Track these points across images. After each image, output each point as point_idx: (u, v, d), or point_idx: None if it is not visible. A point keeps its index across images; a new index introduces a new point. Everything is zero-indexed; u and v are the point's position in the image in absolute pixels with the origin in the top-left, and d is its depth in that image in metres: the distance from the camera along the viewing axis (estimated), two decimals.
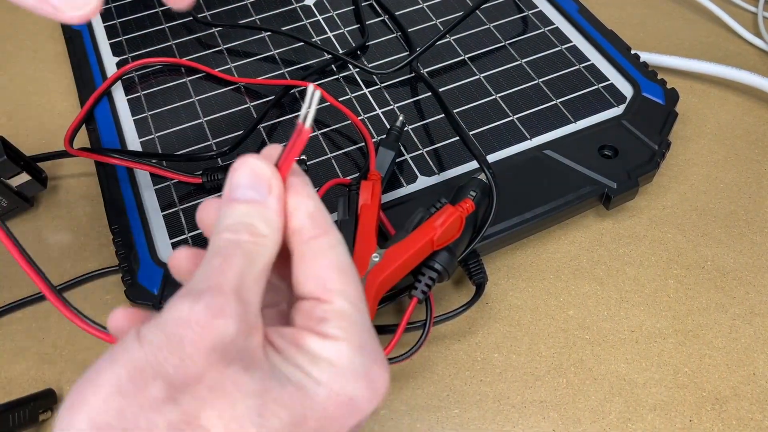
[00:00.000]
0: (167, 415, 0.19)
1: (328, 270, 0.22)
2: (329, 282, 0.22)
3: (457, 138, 0.43)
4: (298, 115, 0.22)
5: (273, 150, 0.24)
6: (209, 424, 0.19)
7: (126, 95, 0.47)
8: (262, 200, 0.22)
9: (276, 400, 0.20)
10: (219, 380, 0.19)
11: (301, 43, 0.49)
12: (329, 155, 0.43)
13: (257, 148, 0.43)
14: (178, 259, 0.24)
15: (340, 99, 0.46)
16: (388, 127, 0.42)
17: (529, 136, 0.43)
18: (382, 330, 0.36)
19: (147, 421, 0.18)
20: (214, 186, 0.41)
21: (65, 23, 0.25)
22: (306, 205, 0.23)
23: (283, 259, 0.24)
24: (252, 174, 0.22)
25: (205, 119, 0.45)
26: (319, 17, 0.52)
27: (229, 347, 0.19)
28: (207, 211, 0.24)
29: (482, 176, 0.38)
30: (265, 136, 0.44)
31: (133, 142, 0.44)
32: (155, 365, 0.19)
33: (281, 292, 0.25)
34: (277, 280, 0.25)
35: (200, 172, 0.41)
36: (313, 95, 0.22)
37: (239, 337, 0.20)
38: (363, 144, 0.43)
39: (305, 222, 0.23)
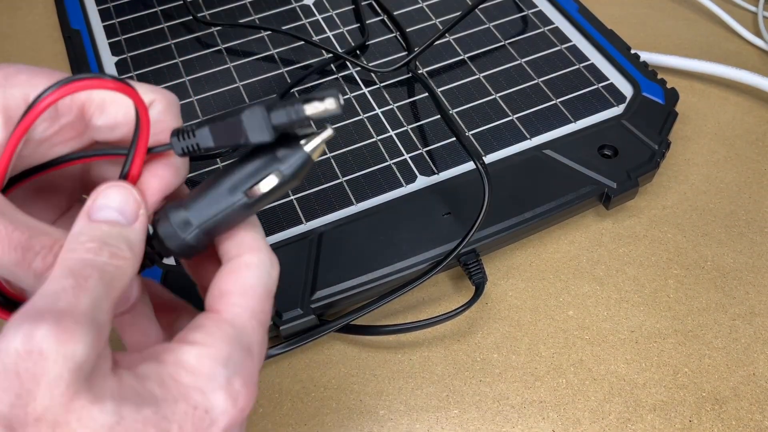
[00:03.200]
0: None
1: (231, 284, 0.22)
2: (227, 295, 0.21)
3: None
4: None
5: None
6: None
7: None
8: (128, 225, 0.21)
9: (130, 429, 0.18)
10: (62, 417, 0.17)
11: (301, 43, 0.49)
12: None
13: None
14: None
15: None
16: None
17: (528, 136, 0.43)
18: (371, 331, 0.36)
19: None
20: (189, 152, 0.24)
21: None
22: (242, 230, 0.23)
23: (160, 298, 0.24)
24: (120, 197, 0.21)
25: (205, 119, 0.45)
26: (319, 17, 0.52)
27: (76, 377, 0.17)
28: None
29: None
30: None
31: None
32: None
33: (159, 331, 0.25)
34: (156, 318, 0.25)
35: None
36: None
37: (86, 364, 0.18)
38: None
39: (230, 244, 0.22)
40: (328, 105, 0.21)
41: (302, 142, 0.22)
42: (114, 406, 0.18)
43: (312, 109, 0.21)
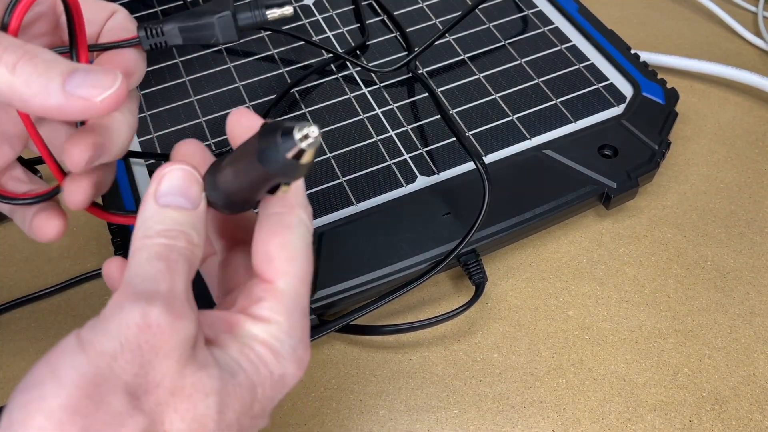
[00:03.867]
0: (133, 426, 0.18)
1: (278, 248, 0.22)
2: (276, 261, 0.22)
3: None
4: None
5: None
6: (172, 428, 0.19)
7: None
8: (194, 209, 0.22)
9: (231, 394, 0.20)
10: (179, 382, 0.19)
11: (301, 43, 0.49)
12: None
13: None
14: (112, 269, 0.24)
15: (340, 99, 0.46)
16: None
17: (528, 136, 0.43)
18: (371, 331, 0.36)
19: None
20: (155, 48, 0.27)
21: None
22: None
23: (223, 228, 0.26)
24: (183, 181, 0.22)
25: (204, 119, 0.45)
26: (319, 17, 0.52)
27: (186, 348, 0.19)
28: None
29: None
30: None
31: (132, 142, 0.44)
32: (111, 376, 0.18)
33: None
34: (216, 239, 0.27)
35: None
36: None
37: (192, 339, 0.20)
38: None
39: (273, 198, 0.23)
40: (285, 11, 0.26)
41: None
42: (218, 372, 0.20)
43: (272, 13, 0.26)
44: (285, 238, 0.22)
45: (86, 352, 0.18)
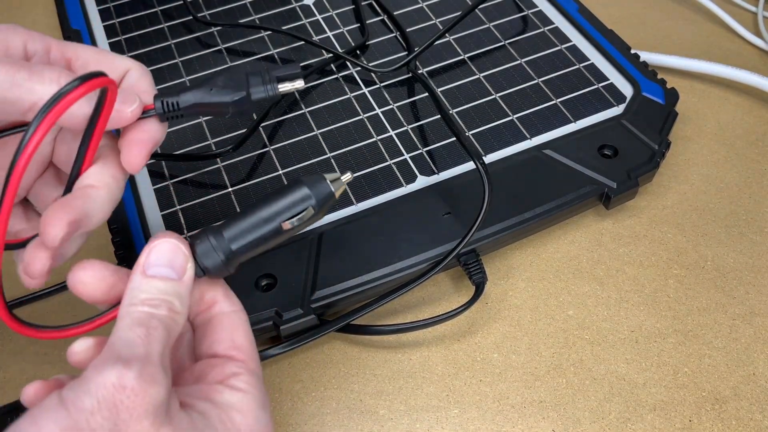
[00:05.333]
0: None
1: (242, 338, 0.26)
2: (244, 347, 0.26)
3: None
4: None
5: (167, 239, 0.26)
6: None
7: None
8: (179, 279, 0.25)
9: None
10: None
11: (301, 43, 0.49)
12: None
13: (258, 148, 0.43)
14: (78, 354, 0.25)
15: (340, 98, 0.46)
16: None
17: (528, 136, 0.43)
18: (371, 330, 0.36)
19: None
20: (170, 118, 0.28)
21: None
22: (222, 286, 0.27)
23: None
24: (170, 253, 0.25)
25: (204, 119, 0.45)
26: (319, 17, 0.52)
27: (160, 412, 0.21)
28: (98, 271, 0.25)
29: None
30: (265, 138, 0.44)
31: None
32: (88, 430, 0.20)
33: None
34: None
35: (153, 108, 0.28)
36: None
37: (165, 402, 0.21)
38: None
39: (223, 299, 0.27)
40: (296, 84, 0.28)
41: (329, 182, 0.27)
42: None
43: (284, 87, 0.28)
44: (245, 330, 0.27)
45: (67, 409, 0.20)
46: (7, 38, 0.26)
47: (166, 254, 0.25)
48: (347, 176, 0.28)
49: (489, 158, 0.42)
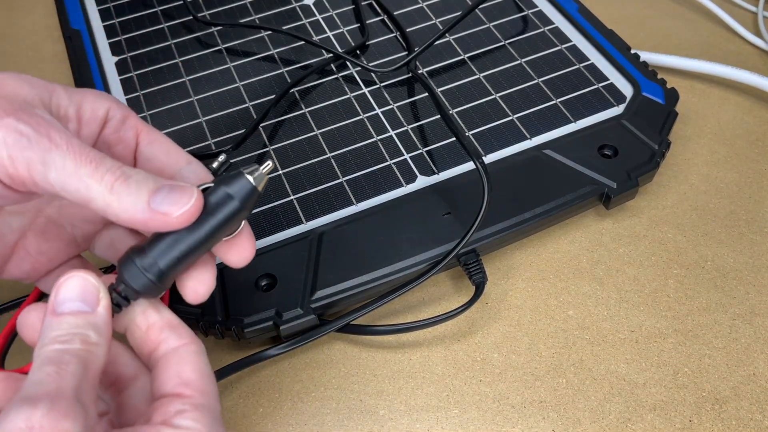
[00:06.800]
0: None
1: (190, 373, 0.25)
2: (191, 382, 0.25)
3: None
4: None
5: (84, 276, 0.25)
6: None
7: (125, 95, 0.46)
8: (92, 311, 0.24)
9: None
10: None
11: (301, 43, 0.49)
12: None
13: (258, 148, 0.43)
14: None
15: (340, 98, 0.46)
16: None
17: (528, 136, 0.43)
18: (371, 330, 0.36)
19: None
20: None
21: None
22: (167, 319, 0.26)
23: (107, 371, 0.26)
24: (79, 288, 0.24)
25: (204, 119, 0.45)
26: (319, 17, 0.52)
27: None
28: (31, 317, 0.25)
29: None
30: (265, 138, 0.44)
31: None
32: None
33: (106, 403, 0.27)
34: (101, 391, 0.27)
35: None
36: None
37: None
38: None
39: (168, 333, 0.25)
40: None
41: (247, 175, 0.25)
42: None
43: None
44: (193, 364, 0.25)
45: None
46: (94, 106, 0.27)
47: (74, 289, 0.24)
48: (267, 166, 0.26)
49: (489, 158, 0.42)
